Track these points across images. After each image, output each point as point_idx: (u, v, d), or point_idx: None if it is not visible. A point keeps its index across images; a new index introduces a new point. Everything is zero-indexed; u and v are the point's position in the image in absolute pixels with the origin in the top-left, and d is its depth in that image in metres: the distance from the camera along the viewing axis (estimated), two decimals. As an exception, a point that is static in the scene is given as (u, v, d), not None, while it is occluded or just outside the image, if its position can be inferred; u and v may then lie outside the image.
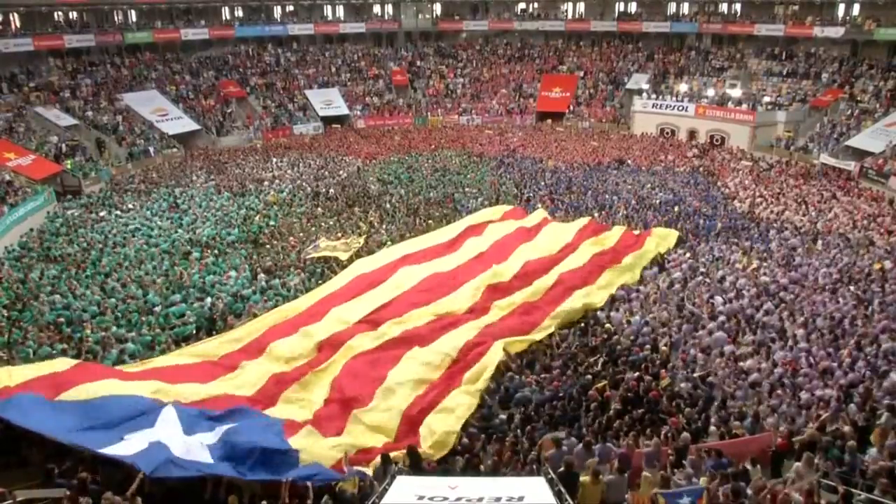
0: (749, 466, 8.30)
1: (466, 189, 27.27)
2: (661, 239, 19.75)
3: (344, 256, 18.79)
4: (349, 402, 11.09)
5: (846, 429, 9.11)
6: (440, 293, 15.59)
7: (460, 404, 10.96)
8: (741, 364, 12.06)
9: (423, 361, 12.39)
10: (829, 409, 10.10)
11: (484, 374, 11.88)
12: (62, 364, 10.71)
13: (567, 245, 19.03)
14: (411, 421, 10.63)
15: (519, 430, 10.13)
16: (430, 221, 22.65)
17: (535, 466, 9.01)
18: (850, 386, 10.81)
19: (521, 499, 6.74)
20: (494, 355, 12.45)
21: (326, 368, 12.19)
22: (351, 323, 14.05)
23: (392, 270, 16.89)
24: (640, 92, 42.19)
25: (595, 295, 15.88)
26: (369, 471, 9.03)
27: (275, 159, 34.04)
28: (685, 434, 9.36)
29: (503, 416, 10.60)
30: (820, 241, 19.72)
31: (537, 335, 13.83)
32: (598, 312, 15.24)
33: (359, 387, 11.51)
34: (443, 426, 10.24)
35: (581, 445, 9.08)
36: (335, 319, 14.19)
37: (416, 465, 9.00)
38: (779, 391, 10.94)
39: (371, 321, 14.16)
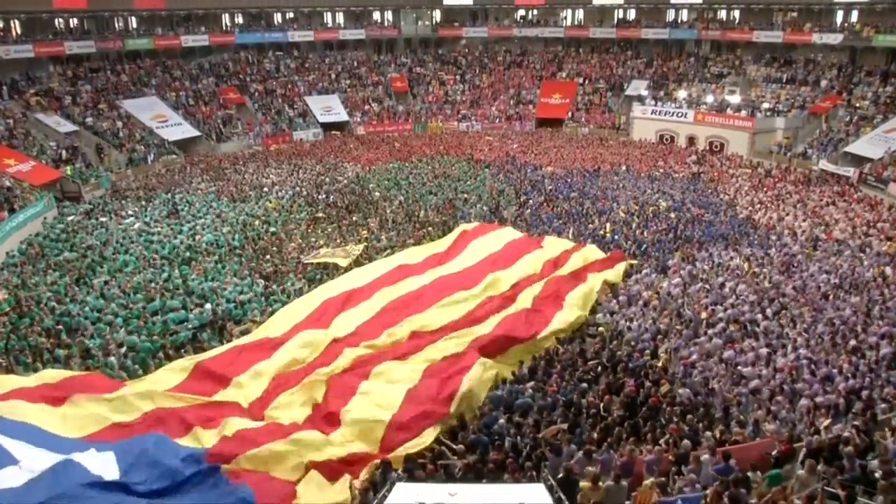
0: (749, 473, 8.28)
1: (466, 195, 27.29)
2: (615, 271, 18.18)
3: (343, 263, 18.75)
4: (334, 413, 11.07)
5: (847, 434, 9.09)
6: (425, 306, 15.31)
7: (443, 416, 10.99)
8: (741, 370, 12.05)
9: (406, 373, 12.24)
10: (830, 415, 10.09)
11: (468, 387, 11.84)
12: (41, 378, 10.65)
13: (550, 262, 18.35)
14: (395, 431, 10.51)
15: (519, 437, 10.10)
16: (429, 228, 22.66)
17: (534, 473, 8.99)
18: (850, 392, 10.80)
19: (520, 505, 6.72)
20: (478, 371, 12.27)
21: (317, 381, 12.16)
22: (344, 334, 13.93)
23: (384, 283, 16.65)
24: (639, 98, 42.30)
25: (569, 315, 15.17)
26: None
27: (274, 165, 34.10)
28: (686, 441, 9.34)
29: (502, 422, 10.57)
30: (819, 247, 19.72)
31: (513, 358, 13.48)
32: (599, 317, 15.23)
33: (342, 398, 11.48)
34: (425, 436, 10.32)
35: (581, 452, 9.06)
36: (329, 330, 14.10)
37: (411, 473, 8.97)
38: (779, 397, 10.93)
39: (361, 334, 14.00)
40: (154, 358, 13.56)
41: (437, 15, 53.92)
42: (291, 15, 50.67)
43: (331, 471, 9.40)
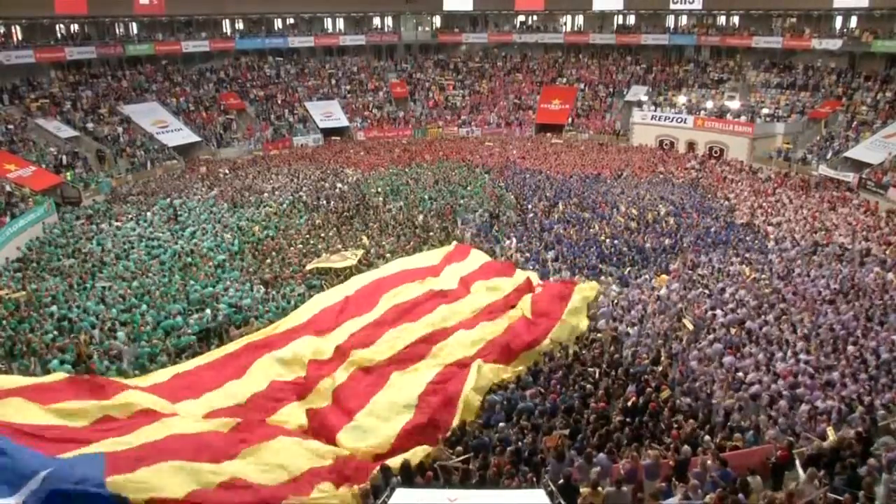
0: (749, 478, 8.26)
1: (466, 201, 27.28)
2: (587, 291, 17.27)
3: (341, 266, 18.75)
4: (338, 420, 11.05)
5: (847, 440, 9.08)
6: (426, 312, 15.26)
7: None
8: (741, 375, 12.03)
9: (408, 381, 12.26)
10: (831, 421, 10.07)
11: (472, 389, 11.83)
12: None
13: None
14: (403, 438, 10.55)
15: (521, 442, 10.08)
16: (430, 233, 22.66)
17: (535, 478, 8.97)
18: (850, 397, 10.79)
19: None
20: (474, 374, 12.25)
21: (319, 391, 12.15)
22: (344, 342, 13.90)
23: (384, 289, 16.57)
24: (639, 104, 42.37)
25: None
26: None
27: (274, 170, 34.12)
28: (686, 447, 9.32)
29: (503, 425, 10.56)
30: (819, 253, 19.70)
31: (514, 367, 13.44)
32: (601, 324, 15.20)
33: (343, 406, 11.48)
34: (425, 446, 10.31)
35: (582, 458, 9.04)
36: (330, 338, 14.10)
37: (410, 479, 8.95)
38: (780, 402, 10.91)
39: (362, 341, 13.95)
40: (153, 362, 13.56)
41: (437, 21, 54.01)
42: (292, 21, 50.75)
43: (334, 477, 9.38)
